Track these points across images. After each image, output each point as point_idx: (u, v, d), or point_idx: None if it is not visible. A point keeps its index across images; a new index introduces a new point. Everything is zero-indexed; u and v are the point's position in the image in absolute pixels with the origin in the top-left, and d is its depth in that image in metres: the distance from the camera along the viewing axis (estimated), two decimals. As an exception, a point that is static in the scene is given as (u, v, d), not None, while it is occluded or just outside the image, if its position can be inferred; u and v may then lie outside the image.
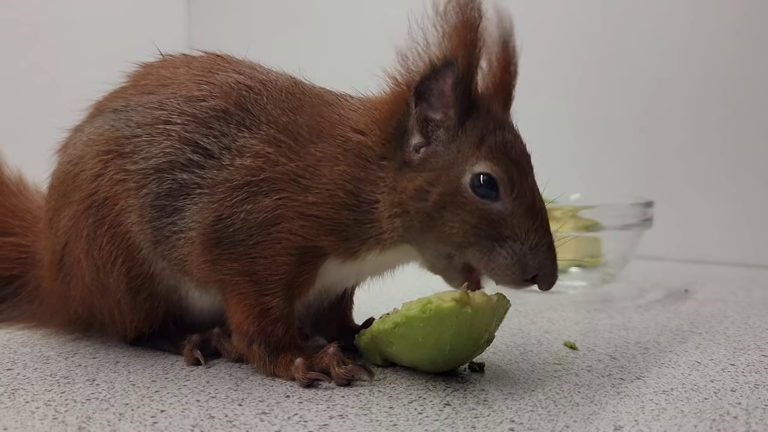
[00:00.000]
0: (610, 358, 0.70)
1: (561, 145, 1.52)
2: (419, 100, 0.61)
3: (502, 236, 0.59)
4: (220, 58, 0.71)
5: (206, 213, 0.63)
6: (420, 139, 0.61)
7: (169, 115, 0.65)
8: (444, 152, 0.61)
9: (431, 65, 0.60)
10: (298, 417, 0.53)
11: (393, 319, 0.61)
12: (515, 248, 0.59)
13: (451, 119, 0.61)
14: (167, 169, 0.64)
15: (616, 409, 0.55)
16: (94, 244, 0.67)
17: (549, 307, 0.96)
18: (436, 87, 0.60)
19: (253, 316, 0.62)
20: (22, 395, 0.58)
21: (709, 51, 1.37)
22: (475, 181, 0.59)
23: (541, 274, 0.60)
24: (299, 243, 0.62)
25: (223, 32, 1.89)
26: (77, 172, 0.68)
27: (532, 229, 0.59)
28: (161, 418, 0.52)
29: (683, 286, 1.12)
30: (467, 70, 0.59)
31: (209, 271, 0.64)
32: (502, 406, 0.56)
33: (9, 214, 0.84)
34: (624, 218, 1.04)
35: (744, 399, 0.58)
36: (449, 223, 0.59)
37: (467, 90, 0.60)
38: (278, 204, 0.61)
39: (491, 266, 0.59)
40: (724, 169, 1.38)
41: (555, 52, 1.50)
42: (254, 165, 0.62)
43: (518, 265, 0.59)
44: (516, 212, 0.59)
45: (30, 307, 0.79)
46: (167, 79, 0.69)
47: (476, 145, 0.60)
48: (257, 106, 0.65)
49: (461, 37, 0.59)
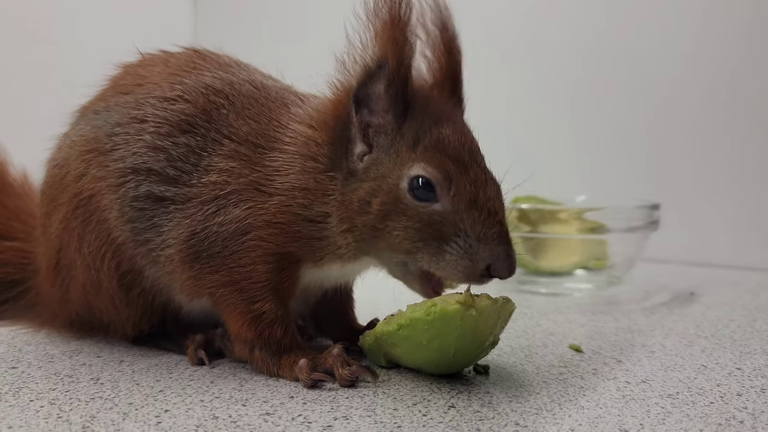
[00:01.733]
0: (616, 361, 0.70)
1: (567, 147, 1.51)
2: (359, 107, 0.60)
3: (447, 235, 0.57)
4: (197, 54, 0.71)
5: (181, 229, 0.63)
6: (362, 147, 0.61)
7: (144, 115, 0.66)
8: (385, 159, 0.60)
9: (366, 69, 0.59)
10: (302, 418, 0.53)
11: (397, 321, 0.61)
12: (460, 243, 0.57)
13: (389, 123, 0.60)
14: (144, 173, 0.64)
15: (621, 412, 0.55)
16: (84, 242, 0.67)
17: (554, 309, 0.96)
18: (373, 91, 0.59)
19: (248, 323, 0.62)
20: (27, 394, 0.58)
21: (716, 54, 1.37)
22: (412, 184, 0.58)
23: (494, 262, 0.57)
24: (273, 250, 0.62)
25: (229, 31, 1.90)
26: (63, 174, 0.69)
27: (478, 221, 0.57)
28: (165, 418, 0.52)
29: (689, 289, 1.11)
30: (398, 70, 0.58)
31: (195, 287, 0.64)
32: (507, 408, 0.55)
33: (12, 217, 0.84)
34: (630, 220, 1.04)
35: (750, 403, 0.58)
36: (394, 232, 0.59)
37: (401, 90, 0.59)
38: (247, 213, 0.61)
39: (442, 266, 0.58)
40: (730, 171, 1.38)
41: (562, 54, 1.50)
42: (220, 180, 0.62)
43: (466, 257, 0.57)
44: (457, 208, 0.58)
45: (32, 311, 0.79)
46: (143, 78, 0.70)
47: (412, 148, 0.59)
48: (221, 116, 0.65)
49: (389, 35, 0.57)
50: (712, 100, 1.38)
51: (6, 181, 0.87)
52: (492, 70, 1.53)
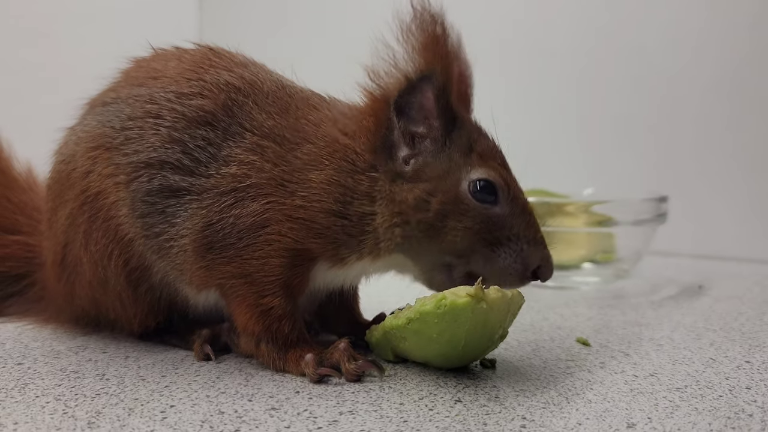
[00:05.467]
0: (624, 354, 0.69)
1: (575, 141, 1.51)
2: (399, 115, 0.62)
3: (501, 239, 0.61)
4: (212, 52, 0.71)
5: (196, 219, 0.63)
6: (408, 151, 0.63)
7: (159, 110, 0.66)
8: (435, 162, 0.62)
9: (407, 80, 0.61)
10: (308, 413, 0.52)
11: (406, 315, 0.60)
12: (514, 247, 0.61)
13: (436, 130, 0.63)
14: (157, 166, 0.64)
15: (629, 406, 0.54)
16: (90, 239, 0.67)
17: (562, 303, 0.95)
18: (415, 101, 0.62)
19: (256, 316, 0.62)
20: (33, 390, 0.58)
21: (722, 47, 1.36)
22: (475, 186, 0.61)
23: (543, 265, 0.62)
24: (290, 245, 0.62)
25: (235, 31, 1.90)
26: (70, 170, 0.69)
27: (530, 225, 0.62)
28: (171, 413, 0.52)
29: (697, 282, 1.11)
30: (446, 82, 0.62)
31: (206, 277, 0.64)
32: (514, 402, 0.55)
33: (18, 211, 0.84)
34: (638, 214, 1.03)
35: (760, 396, 0.57)
36: (452, 232, 0.60)
37: (448, 101, 0.62)
38: (266, 208, 0.61)
39: (495, 269, 0.61)
40: (738, 164, 1.37)
41: (568, 48, 1.50)
42: (240, 173, 0.62)
43: (520, 262, 0.61)
44: (513, 212, 0.62)
45: (38, 306, 0.80)
46: (158, 72, 0.69)
47: (466, 153, 0.62)
48: (243, 112, 0.65)
49: (435, 50, 0.61)
50: (719, 92, 1.37)
51: (11, 176, 0.87)
52: (498, 64, 1.53)
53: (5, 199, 0.84)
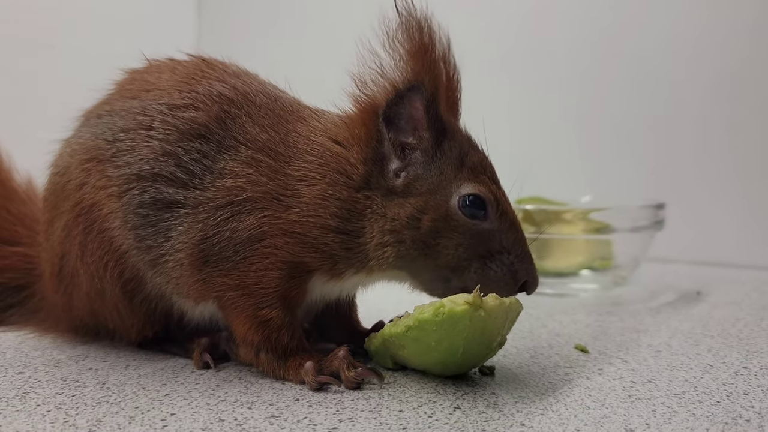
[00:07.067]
0: (622, 361, 0.70)
1: (572, 148, 1.51)
2: (389, 125, 0.62)
3: (492, 252, 0.61)
4: (205, 63, 0.71)
5: (191, 233, 0.63)
6: (398, 164, 0.62)
7: (151, 122, 0.66)
8: (426, 175, 0.62)
9: (395, 90, 0.61)
10: (308, 420, 0.53)
11: (405, 323, 0.61)
12: (505, 261, 0.61)
13: (426, 141, 0.62)
14: (149, 178, 0.64)
15: (627, 412, 0.55)
16: (86, 251, 0.67)
17: (560, 310, 0.95)
18: (404, 111, 0.62)
19: (255, 327, 0.62)
20: (33, 398, 0.58)
21: (720, 52, 1.37)
22: (464, 202, 0.61)
23: (529, 279, 0.62)
24: (286, 258, 0.62)
25: (233, 38, 1.90)
26: (65, 182, 0.69)
27: (518, 241, 0.62)
28: (171, 422, 0.52)
29: (695, 289, 1.11)
30: (435, 92, 0.61)
31: (203, 290, 0.64)
32: (513, 409, 0.55)
33: (17, 222, 0.84)
34: (635, 220, 1.03)
35: (757, 402, 0.57)
36: (445, 249, 0.60)
37: (438, 111, 0.62)
38: (262, 222, 0.61)
39: (486, 282, 0.60)
40: (735, 170, 1.37)
41: (566, 53, 1.50)
42: (235, 186, 0.62)
43: (509, 274, 0.61)
44: (502, 227, 0.62)
45: (38, 316, 0.80)
46: (151, 84, 0.69)
47: (457, 166, 0.62)
48: (236, 125, 0.65)
49: (422, 59, 0.60)
50: (717, 98, 1.38)
51: (10, 187, 0.87)
52: (495, 70, 1.53)
53: (5, 211, 0.84)
